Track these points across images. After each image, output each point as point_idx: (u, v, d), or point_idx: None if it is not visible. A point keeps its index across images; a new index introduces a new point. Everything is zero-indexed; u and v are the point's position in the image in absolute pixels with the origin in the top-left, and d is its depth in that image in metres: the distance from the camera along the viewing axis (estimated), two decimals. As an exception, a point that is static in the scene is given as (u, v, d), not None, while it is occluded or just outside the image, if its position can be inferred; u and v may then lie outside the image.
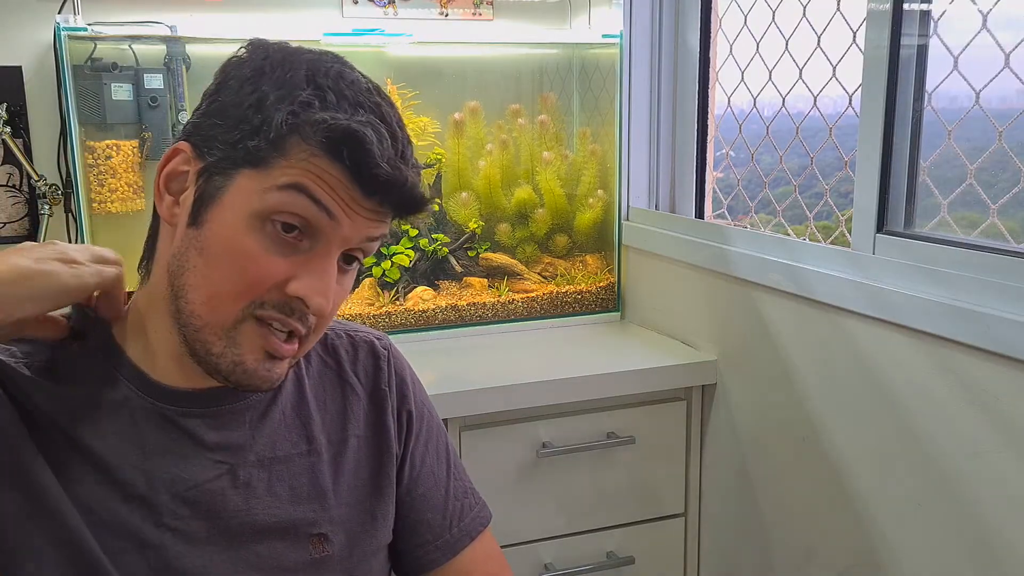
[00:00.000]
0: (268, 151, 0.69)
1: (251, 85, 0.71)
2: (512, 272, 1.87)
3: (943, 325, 1.09)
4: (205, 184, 0.71)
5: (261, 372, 0.72)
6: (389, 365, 0.91)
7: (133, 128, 1.64)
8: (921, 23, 1.22)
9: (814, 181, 1.49)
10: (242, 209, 0.69)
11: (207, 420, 0.77)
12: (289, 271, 0.70)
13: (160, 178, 0.74)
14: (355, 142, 0.68)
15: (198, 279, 0.71)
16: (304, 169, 0.69)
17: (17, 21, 1.65)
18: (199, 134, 0.73)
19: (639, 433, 1.55)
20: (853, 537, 1.28)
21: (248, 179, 0.70)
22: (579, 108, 1.99)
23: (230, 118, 0.71)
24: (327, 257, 0.72)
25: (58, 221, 1.71)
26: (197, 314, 0.71)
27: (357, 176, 0.70)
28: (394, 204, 0.74)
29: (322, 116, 0.69)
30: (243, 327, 0.71)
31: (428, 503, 0.91)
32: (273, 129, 0.69)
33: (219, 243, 0.70)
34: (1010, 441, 1.03)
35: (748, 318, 1.48)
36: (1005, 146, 1.13)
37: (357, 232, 0.72)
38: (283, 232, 0.70)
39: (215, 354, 0.71)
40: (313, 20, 1.82)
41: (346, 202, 0.70)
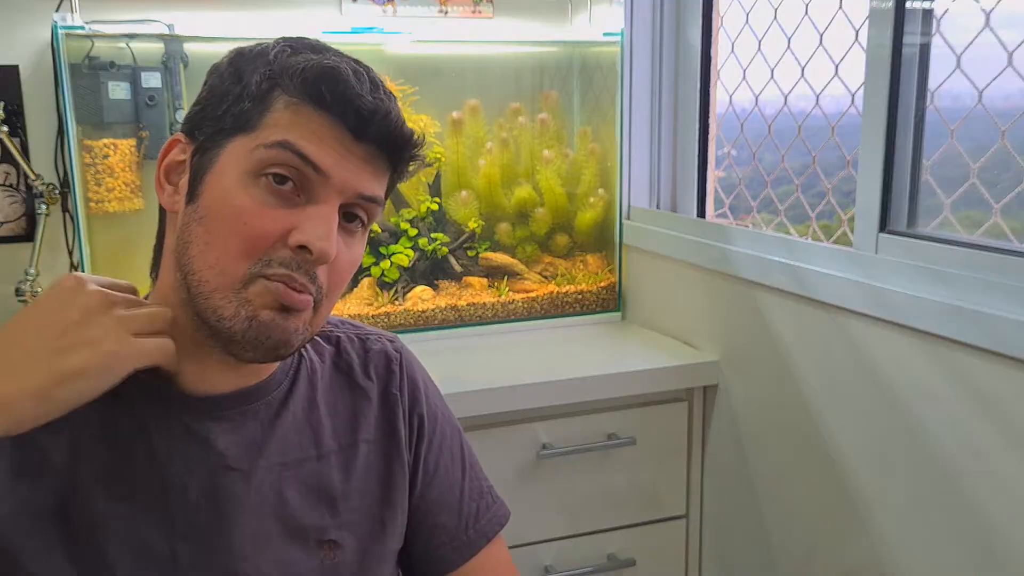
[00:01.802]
0: (252, 111, 0.71)
1: (230, 68, 0.74)
2: (512, 272, 1.86)
3: (946, 325, 1.08)
4: (199, 160, 0.72)
5: (278, 323, 0.70)
6: (401, 369, 0.90)
7: (131, 127, 1.63)
8: (924, 21, 1.22)
9: (816, 180, 1.49)
10: (234, 171, 0.70)
11: (221, 425, 0.77)
12: (288, 223, 0.70)
13: (160, 171, 0.75)
14: (333, 76, 0.70)
15: (201, 247, 0.70)
16: (289, 124, 0.70)
17: (14, 20, 1.65)
18: (191, 122, 0.75)
19: (640, 434, 1.55)
20: (855, 538, 1.28)
21: (238, 144, 0.71)
22: (580, 106, 1.98)
23: (215, 97, 0.73)
24: (325, 205, 0.71)
25: (55, 220, 1.70)
26: (205, 280, 0.70)
27: (341, 114, 0.71)
28: (383, 140, 0.73)
29: (296, 60, 0.71)
30: (252, 287, 0.70)
31: (443, 506, 0.91)
32: (254, 86, 0.71)
33: (216, 207, 0.70)
34: (1012, 442, 1.03)
35: (750, 318, 1.48)
36: (1008, 145, 1.12)
37: (350, 183, 0.72)
38: (276, 184, 0.70)
39: (227, 318, 0.69)
40: (312, 18, 1.81)
41: (335, 150, 0.71)
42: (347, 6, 1.84)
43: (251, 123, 0.71)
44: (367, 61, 0.77)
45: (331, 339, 0.89)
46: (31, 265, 1.64)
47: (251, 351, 0.71)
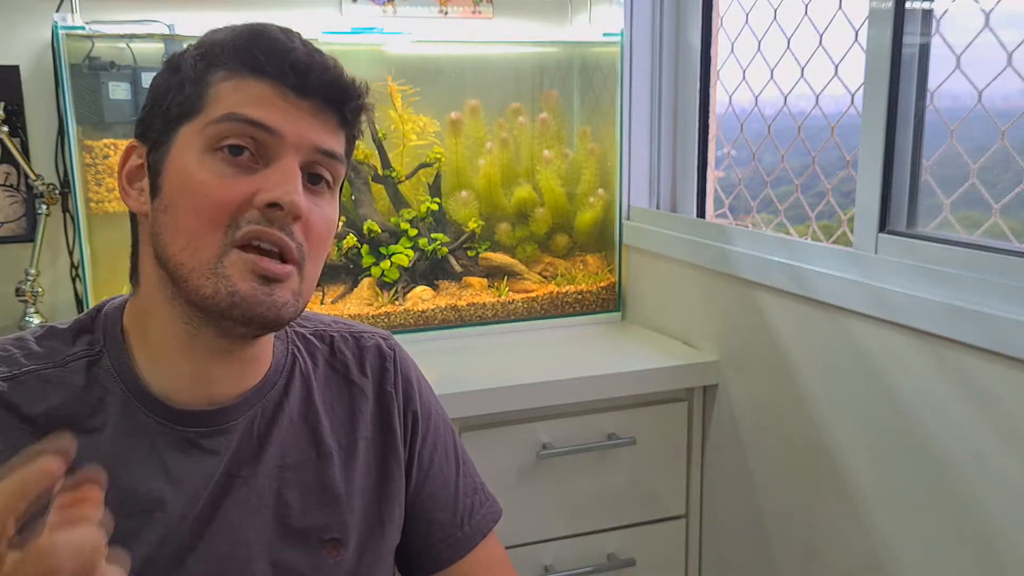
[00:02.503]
0: (193, 95, 0.71)
1: (166, 67, 0.75)
2: (512, 272, 1.86)
3: (945, 325, 1.08)
4: (154, 156, 0.73)
5: (260, 297, 0.69)
6: (395, 366, 0.90)
7: (131, 127, 1.59)
8: (923, 22, 1.22)
9: (816, 180, 1.49)
10: (189, 153, 0.70)
11: (222, 435, 0.77)
12: (251, 187, 0.70)
13: (121, 180, 0.76)
14: (262, 36, 0.72)
15: (172, 232, 0.70)
16: (231, 96, 0.70)
17: (15, 20, 1.65)
18: (141, 126, 0.75)
19: (640, 434, 1.55)
20: (855, 538, 1.28)
21: (187, 129, 0.71)
22: (579, 107, 1.98)
23: (157, 96, 0.74)
24: (285, 163, 0.71)
25: (56, 220, 1.70)
26: (181, 263, 0.70)
27: (279, 73, 0.71)
28: (326, 92, 0.73)
29: (222, 34, 0.74)
30: (227, 259, 0.69)
31: (437, 502, 0.91)
32: (189, 70, 0.72)
33: (177, 191, 0.70)
34: (1012, 441, 1.03)
35: (750, 318, 1.48)
36: (1008, 145, 1.13)
37: (304, 137, 0.71)
38: (233, 155, 0.70)
39: (209, 295, 0.69)
40: (312, 18, 1.81)
41: (282, 109, 0.71)
42: (347, 6, 1.84)
43: (195, 106, 0.71)
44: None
45: (325, 338, 0.88)
46: (31, 265, 1.64)
47: (243, 326, 0.71)
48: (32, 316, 1.64)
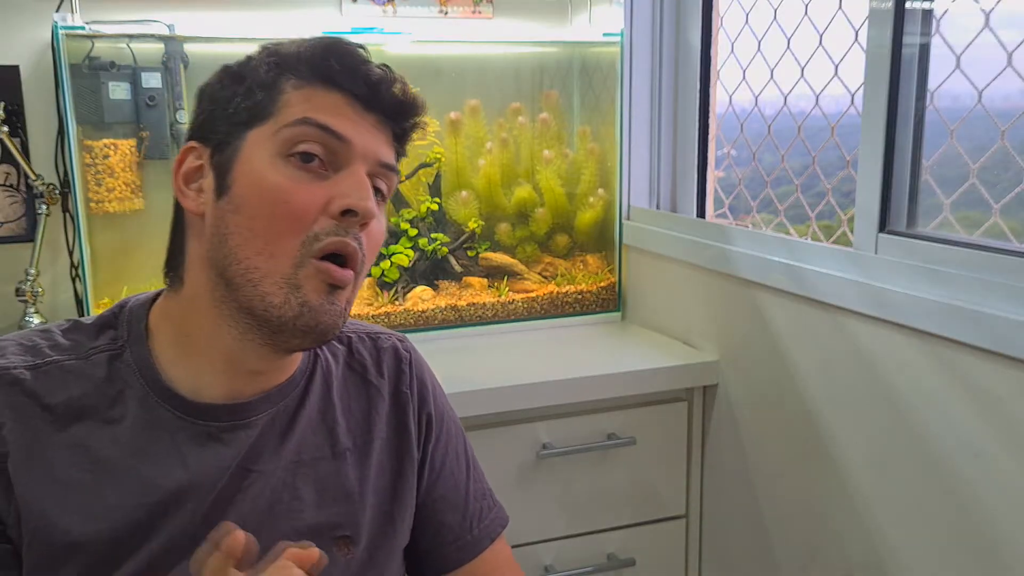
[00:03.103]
0: (265, 101, 0.73)
1: (225, 75, 0.77)
2: (512, 272, 1.86)
3: (945, 325, 1.08)
4: (220, 157, 0.74)
5: (326, 307, 0.72)
6: (411, 368, 0.92)
7: (131, 127, 1.63)
8: (923, 22, 1.22)
9: (816, 180, 1.49)
10: (262, 156, 0.72)
11: (244, 430, 0.78)
12: (324, 194, 0.72)
13: (178, 179, 0.77)
14: (338, 49, 0.74)
15: (244, 235, 0.71)
16: (304, 103, 0.73)
17: (14, 20, 1.65)
18: (199, 128, 0.77)
19: (640, 434, 1.55)
20: (855, 538, 1.28)
21: (258, 133, 0.73)
22: (579, 107, 1.98)
23: (221, 100, 0.76)
24: (355, 170, 0.74)
25: (56, 220, 1.70)
26: (254, 267, 0.71)
27: (351, 85, 0.74)
28: (391, 108, 0.76)
29: (295, 46, 0.75)
30: (303, 271, 0.71)
31: (448, 504, 0.92)
32: (262, 76, 0.74)
33: (250, 192, 0.72)
34: (1012, 441, 1.03)
35: (749, 318, 1.48)
36: (1008, 145, 1.13)
37: (370, 148, 0.75)
38: (304, 162, 0.72)
39: (276, 306, 0.71)
40: (311, 18, 1.81)
41: (351, 119, 0.74)
42: (347, 6, 1.84)
43: (266, 111, 0.73)
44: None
45: (343, 339, 0.90)
46: (31, 265, 1.64)
47: (299, 338, 0.73)
48: (32, 316, 1.64)
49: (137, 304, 0.80)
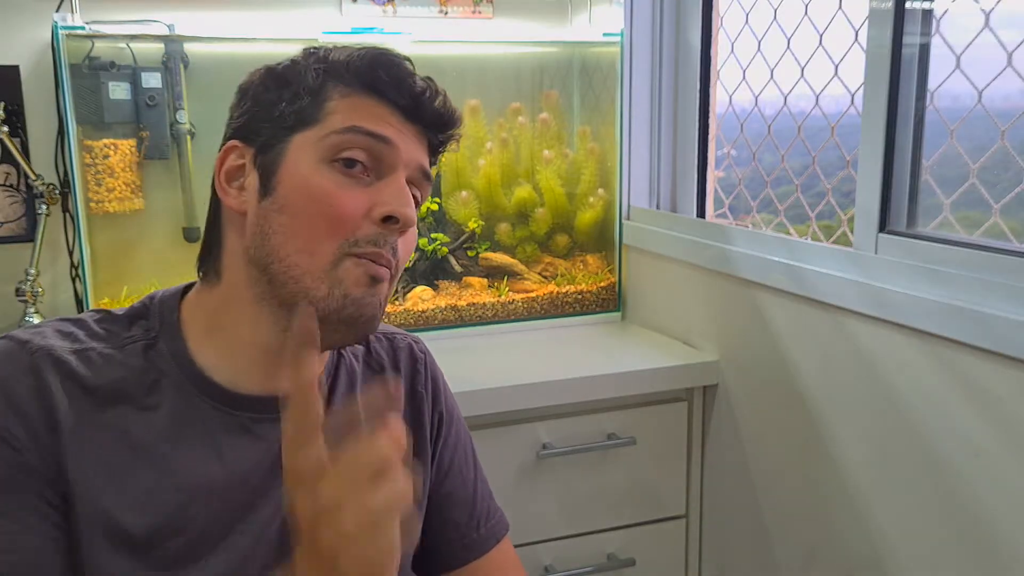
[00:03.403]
0: (311, 106, 0.75)
1: (270, 77, 0.78)
2: (512, 272, 1.86)
3: (945, 325, 1.08)
4: (264, 158, 0.76)
5: (368, 298, 0.74)
6: (426, 368, 0.94)
7: (131, 127, 1.63)
8: (923, 22, 1.22)
9: (816, 180, 1.49)
10: (307, 160, 0.74)
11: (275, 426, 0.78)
12: (367, 200, 0.74)
13: (220, 176, 0.78)
14: (386, 60, 0.76)
15: (287, 234, 0.73)
16: (350, 111, 0.75)
17: (15, 20, 1.65)
18: (243, 129, 0.78)
19: (640, 434, 1.55)
20: (855, 538, 1.28)
21: (304, 137, 0.75)
22: (579, 107, 1.98)
23: (265, 102, 0.77)
24: (397, 178, 0.76)
25: (56, 220, 1.70)
26: (296, 263, 0.73)
27: (396, 96, 0.76)
28: (432, 119, 0.79)
29: (343, 53, 0.77)
30: (342, 266, 0.73)
31: (455, 502, 0.94)
32: (310, 82, 0.76)
33: (295, 193, 0.73)
34: (1012, 441, 1.03)
35: (749, 318, 1.48)
36: (1008, 145, 1.13)
37: (413, 156, 0.77)
38: (347, 169, 0.74)
39: (321, 298, 0.72)
40: (312, 18, 1.81)
41: (396, 127, 0.76)
42: (347, 6, 1.84)
43: (313, 116, 0.75)
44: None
45: None
46: (31, 265, 1.64)
47: (342, 332, 0.74)
48: (32, 316, 1.64)
49: (167, 296, 0.81)
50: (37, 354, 0.72)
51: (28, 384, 0.71)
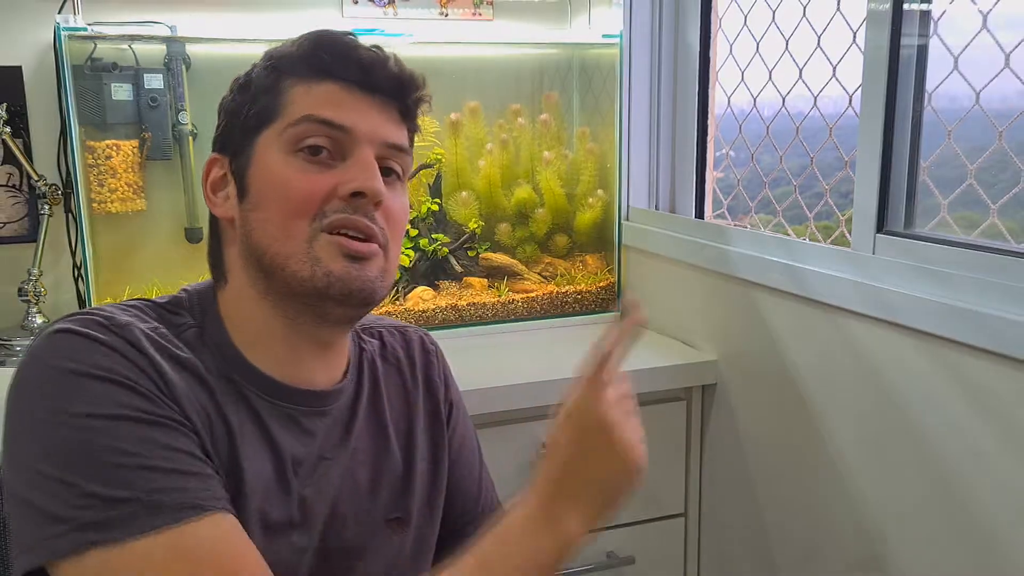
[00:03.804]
0: (268, 104, 0.77)
1: (236, 85, 0.81)
2: (512, 272, 1.87)
3: (943, 325, 1.09)
4: (237, 164, 0.78)
5: (353, 274, 0.75)
6: (438, 359, 0.97)
7: (133, 128, 1.64)
8: (921, 23, 1.22)
9: (814, 181, 1.49)
10: (271, 156, 0.76)
11: (319, 420, 0.82)
12: (332, 181, 0.75)
13: (206, 189, 0.81)
14: (326, 39, 0.78)
15: (264, 227, 0.75)
16: (304, 100, 0.76)
17: (17, 21, 1.65)
18: (219, 140, 0.81)
19: (639, 433, 1.55)
20: (853, 537, 1.28)
21: (266, 135, 0.77)
22: (579, 108, 1.99)
23: (233, 111, 0.80)
24: (361, 154, 0.76)
25: (58, 221, 1.71)
26: (275, 251, 0.75)
27: (344, 72, 0.76)
28: (390, 86, 0.79)
29: (287, 45, 0.79)
30: (316, 243, 0.74)
31: (461, 490, 0.95)
32: (262, 81, 0.78)
33: (264, 189, 0.76)
34: (1011, 441, 1.03)
35: (748, 318, 1.48)
36: (1005, 146, 1.13)
37: (376, 132, 0.77)
38: (311, 155, 0.75)
39: (306, 278, 0.74)
40: (313, 20, 1.82)
41: (352, 107, 0.77)
42: (348, 8, 1.85)
43: (272, 114, 0.77)
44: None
45: (374, 333, 0.93)
46: (34, 265, 1.65)
47: (340, 306, 0.76)
48: (35, 316, 1.65)
49: (202, 288, 0.83)
50: (126, 328, 0.72)
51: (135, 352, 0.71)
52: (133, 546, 0.63)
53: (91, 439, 0.65)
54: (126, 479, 0.65)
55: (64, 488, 0.64)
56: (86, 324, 0.71)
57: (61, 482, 0.64)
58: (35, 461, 0.66)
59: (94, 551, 0.63)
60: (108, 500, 0.64)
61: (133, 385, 0.69)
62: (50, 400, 0.67)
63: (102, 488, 0.64)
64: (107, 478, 0.64)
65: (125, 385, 0.68)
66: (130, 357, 0.70)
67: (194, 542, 0.65)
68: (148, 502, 0.64)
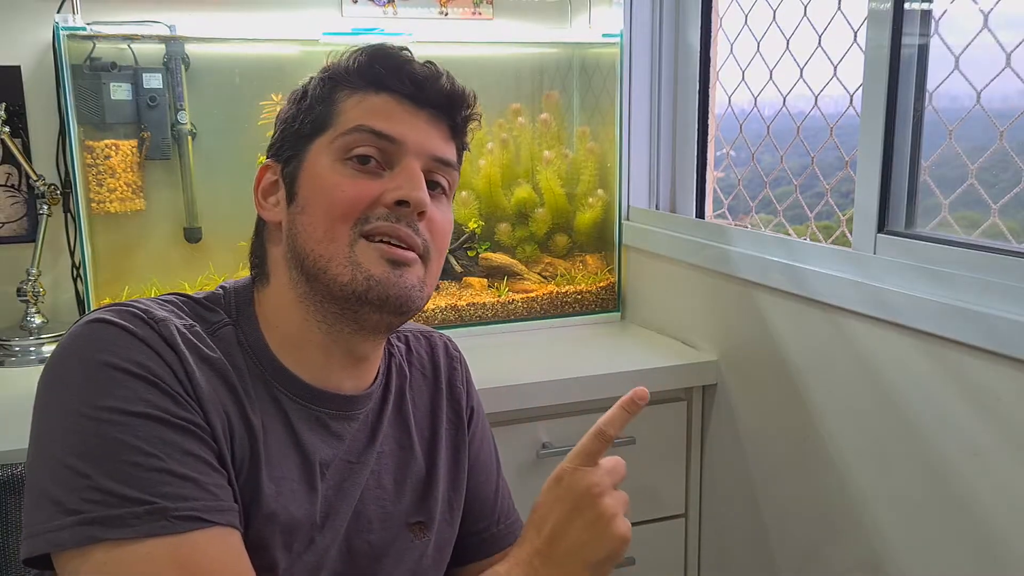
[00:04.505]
0: (323, 113, 0.79)
1: (291, 96, 0.84)
2: (512, 272, 1.86)
3: (944, 325, 1.09)
4: (289, 170, 0.80)
5: (393, 279, 0.76)
6: (462, 365, 0.97)
7: (132, 128, 1.63)
8: (922, 23, 1.22)
9: (815, 181, 1.49)
10: (322, 162, 0.78)
11: (347, 424, 0.82)
12: (379, 188, 0.77)
13: (257, 195, 0.83)
14: (382, 53, 0.79)
15: (308, 230, 0.77)
16: (357, 111, 0.78)
17: (16, 21, 1.65)
18: (273, 148, 0.83)
19: (639, 433, 1.55)
20: (853, 537, 1.28)
21: (319, 143, 0.79)
22: (579, 107, 1.99)
23: (288, 120, 0.82)
24: (408, 165, 0.78)
25: (57, 221, 1.70)
26: (319, 254, 0.76)
27: (398, 86, 0.78)
28: (441, 101, 0.81)
29: (344, 58, 0.81)
30: (358, 247, 0.75)
31: (478, 496, 0.96)
32: (317, 91, 0.80)
33: (313, 193, 0.77)
34: (1010, 441, 1.03)
35: (749, 318, 1.48)
36: (1006, 146, 1.13)
37: (424, 146, 0.79)
38: (361, 164, 0.77)
39: (346, 283, 0.75)
40: (313, 19, 1.81)
41: (403, 120, 0.78)
42: (348, 7, 1.84)
43: (325, 123, 0.79)
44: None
45: (401, 337, 0.94)
46: (32, 265, 1.64)
47: (376, 311, 0.76)
48: (33, 316, 1.64)
49: (240, 287, 0.83)
50: (162, 323, 0.73)
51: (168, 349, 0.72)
52: (136, 548, 0.64)
53: (114, 435, 0.66)
54: (140, 479, 0.65)
55: (78, 479, 0.65)
56: (123, 316, 0.72)
57: (76, 472, 0.65)
58: (56, 448, 0.66)
59: (97, 547, 0.63)
60: (119, 497, 0.64)
61: (162, 384, 0.69)
62: (80, 390, 0.68)
63: (115, 485, 0.64)
64: (122, 476, 0.65)
65: (154, 384, 0.69)
66: (162, 354, 0.71)
67: (195, 553, 0.65)
68: (158, 506, 0.65)
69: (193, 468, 0.68)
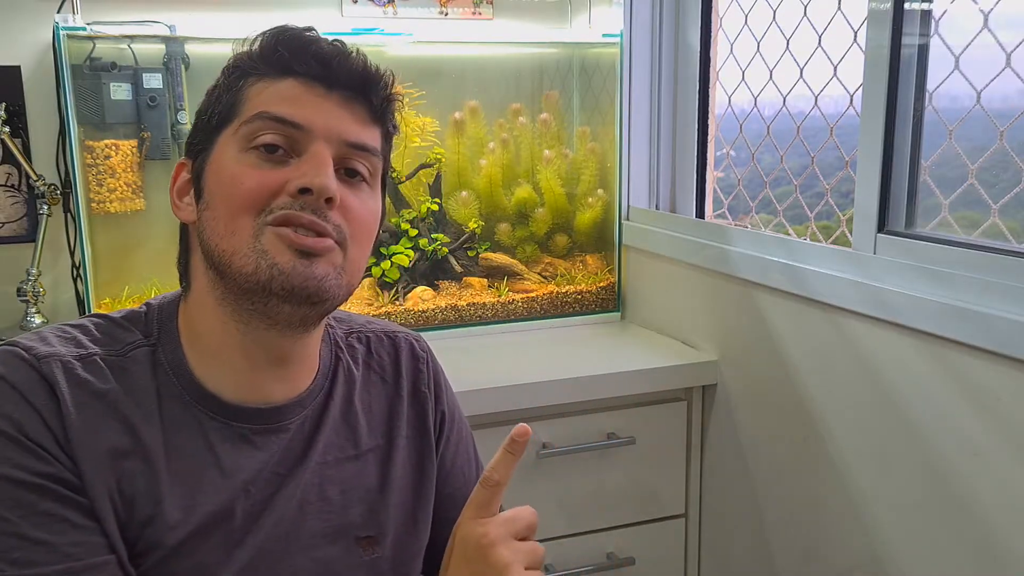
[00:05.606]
0: (229, 103, 0.76)
1: (207, 91, 0.80)
2: (512, 272, 1.86)
3: (944, 325, 1.09)
4: (197, 164, 0.77)
5: (300, 269, 0.72)
6: (428, 367, 0.93)
7: (132, 128, 1.63)
8: (922, 23, 1.22)
9: (815, 181, 1.49)
10: (226, 154, 0.74)
11: (274, 436, 0.79)
12: (284, 177, 0.73)
13: (172, 194, 0.80)
14: (284, 33, 0.77)
15: (212, 225, 0.74)
16: (261, 97, 0.74)
17: (16, 21, 1.65)
18: (188, 146, 0.80)
19: (639, 434, 1.55)
20: (853, 537, 1.28)
21: (225, 134, 0.75)
22: (579, 107, 1.99)
23: (198, 115, 0.79)
24: (315, 151, 0.74)
25: (57, 221, 1.70)
26: (222, 249, 0.72)
27: (303, 67, 0.75)
28: (351, 81, 0.76)
29: (252, 44, 0.78)
30: (264, 237, 0.72)
31: (457, 503, 0.91)
32: (224, 81, 0.77)
33: (216, 187, 0.74)
34: (1010, 441, 1.03)
35: (749, 318, 1.48)
36: (1006, 146, 1.13)
37: (333, 130, 0.74)
38: (267, 153, 0.73)
39: (250, 273, 0.71)
40: (312, 19, 1.80)
41: (310, 103, 0.74)
42: (348, 7, 1.84)
43: (231, 113, 0.75)
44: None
45: (362, 339, 0.90)
46: (33, 265, 1.64)
47: (285, 303, 0.73)
48: (33, 316, 1.64)
49: (166, 303, 0.81)
50: (44, 361, 0.71)
51: (43, 392, 0.70)
52: None
53: None
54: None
55: None
56: (3, 357, 0.71)
57: None
58: None
59: None
60: None
61: (25, 441, 0.68)
62: None
63: None
64: None
65: (17, 441, 0.67)
66: (34, 401, 0.69)
67: None
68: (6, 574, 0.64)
69: (48, 530, 0.67)
